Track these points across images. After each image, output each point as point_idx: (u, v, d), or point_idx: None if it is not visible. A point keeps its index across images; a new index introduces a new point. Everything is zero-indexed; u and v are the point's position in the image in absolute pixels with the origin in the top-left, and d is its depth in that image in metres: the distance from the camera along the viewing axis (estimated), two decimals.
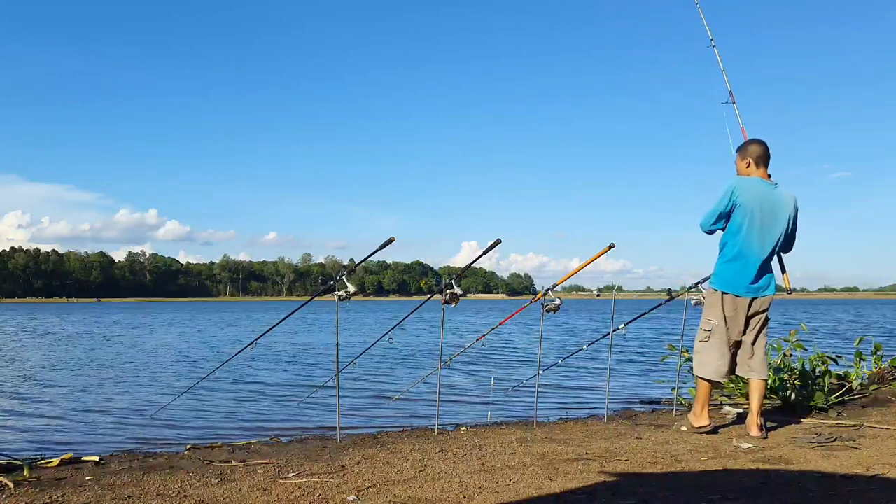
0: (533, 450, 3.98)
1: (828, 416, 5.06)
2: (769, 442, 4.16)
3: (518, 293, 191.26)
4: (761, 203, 4.22)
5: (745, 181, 4.28)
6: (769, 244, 4.25)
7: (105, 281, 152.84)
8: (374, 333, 19.46)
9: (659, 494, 2.99)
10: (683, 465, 3.58)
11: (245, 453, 4.05)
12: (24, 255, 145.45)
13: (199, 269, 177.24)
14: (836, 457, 3.71)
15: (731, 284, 4.30)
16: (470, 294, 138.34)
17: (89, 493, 3.06)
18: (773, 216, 4.23)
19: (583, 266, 5.45)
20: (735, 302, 4.31)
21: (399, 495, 3.02)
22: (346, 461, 3.71)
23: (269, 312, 46.88)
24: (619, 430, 4.68)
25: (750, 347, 4.36)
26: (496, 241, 4.88)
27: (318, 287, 4.55)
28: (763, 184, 4.27)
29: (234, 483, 3.24)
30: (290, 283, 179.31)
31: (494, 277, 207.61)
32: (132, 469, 3.58)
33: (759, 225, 4.22)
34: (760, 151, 4.32)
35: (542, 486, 3.14)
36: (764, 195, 4.23)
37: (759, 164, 4.31)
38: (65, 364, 11.75)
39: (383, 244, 4.70)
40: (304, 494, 3.03)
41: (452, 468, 3.53)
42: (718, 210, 4.30)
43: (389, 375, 9.67)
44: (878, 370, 6.52)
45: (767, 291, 4.31)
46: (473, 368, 10.43)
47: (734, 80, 5.07)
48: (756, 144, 4.35)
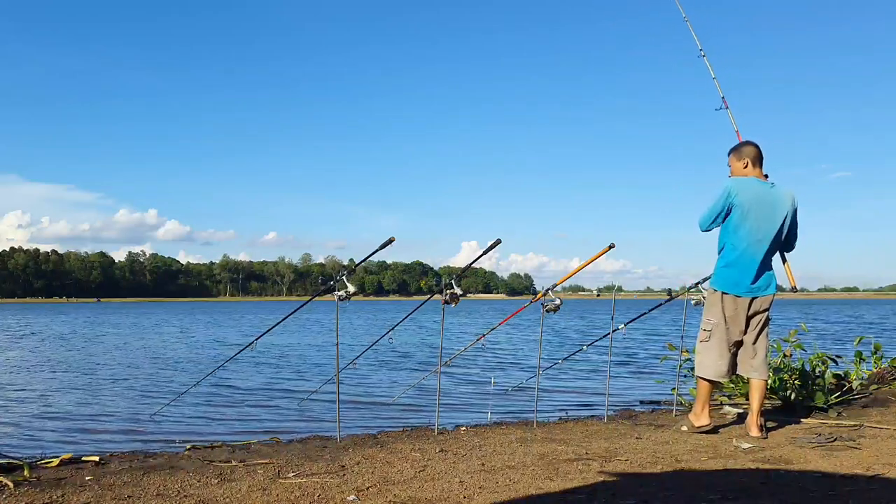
0: (533, 450, 3.98)
1: (828, 416, 5.06)
2: (769, 442, 4.16)
3: (518, 293, 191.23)
4: (759, 202, 4.23)
5: (741, 181, 4.30)
6: (768, 243, 4.26)
7: (105, 281, 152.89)
8: (372, 335, 19.45)
9: (659, 494, 2.99)
10: (683, 465, 3.58)
11: (245, 453, 4.05)
12: (24, 255, 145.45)
13: (200, 269, 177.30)
14: (836, 457, 3.71)
15: (732, 285, 4.31)
16: (470, 294, 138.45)
17: (89, 493, 3.06)
18: (772, 215, 4.24)
19: (583, 266, 5.46)
20: (735, 302, 4.31)
21: (399, 495, 3.02)
22: (346, 461, 3.71)
23: (267, 312, 46.86)
24: (619, 430, 4.69)
25: (751, 347, 4.36)
26: (496, 241, 4.88)
27: (318, 287, 4.56)
28: (760, 183, 4.30)
29: (234, 483, 3.24)
30: (290, 284, 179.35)
31: (494, 277, 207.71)
32: (132, 469, 3.58)
33: (757, 224, 4.23)
34: (756, 152, 4.36)
35: (542, 486, 3.14)
36: (761, 194, 4.25)
37: (756, 165, 4.35)
38: (64, 364, 11.75)
39: (383, 244, 4.70)
40: (304, 494, 3.03)
41: (452, 468, 3.53)
42: (716, 210, 4.32)
43: (389, 375, 9.68)
44: (878, 370, 6.52)
45: (768, 291, 4.31)
46: (473, 369, 10.43)
47: (734, 81, 5.10)
48: (751, 146, 4.40)
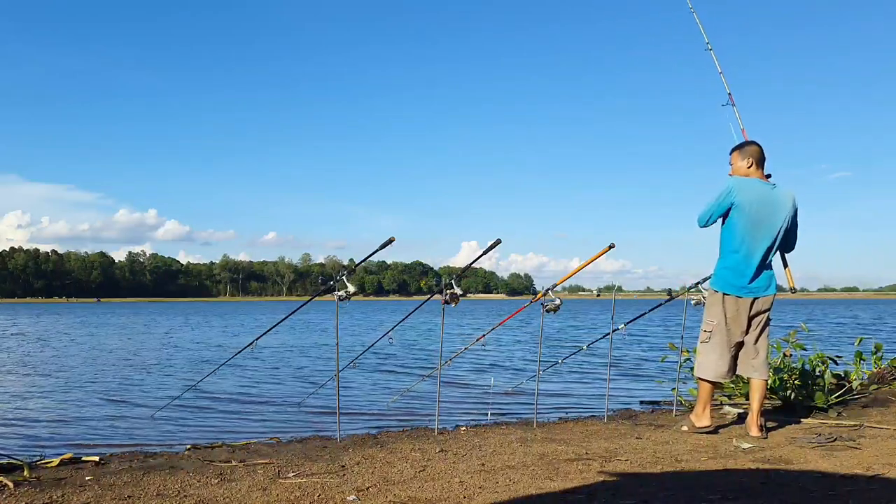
0: (533, 450, 3.98)
1: (828, 416, 5.06)
2: (769, 442, 4.16)
3: (518, 293, 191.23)
4: (760, 203, 4.23)
5: (743, 181, 4.30)
6: (769, 244, 4.26)
7: (105, 281, 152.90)
8: (372, 335, 19.45)
9: (659, 494, 2.99)
10: (683, 465, 3.58)
11: (245, 453, 4.05)
12: (24, 255, 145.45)
13: (200, 269, 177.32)
14: (836, 457, 3.70)
15: (732, 285, 4.31)
16: (470, 294, 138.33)
17: (89, 493, 3.06)
18: (772, 215, 4.24)
19: (583, 266, 5.46)
20: (737, 303, 4.31)
21: (399, 495, 3.02)
22: (346, 461, 3.71)
23: (267, 312, 46.85)
24: (619, 430, 4.68)
25: (753, 347, 4.36)
26: (496, 241, 4.88)
27: (318, 287, 4.55)
28: (762, 184, 4.30)
29: (234, 483, 3.24)
30: (290, 283, 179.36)
31: (494, 277, 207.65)
32: (132, 469, 3.58)
33: (758, 225, 4.23)
34: (760, 153, 4.35)
35: (542, 486, 3.14)
36: (762, 195, 4.25)
37: (759, 166, 4.34)
38: (64, 364, 11.75)
39: (383, 244, 4.70)
40: (304, 494, 3.03)
41: (452, 468, 3.53)
42: (716, 207, 4.31)
43: (389, 376, 9.68)
44: (878, 370, 6.52)
45: (768, 291, 4.31)
46: (473, 369, 10.43)
47: (734, 81, 5.08)
48: (755, 146, 4.39)
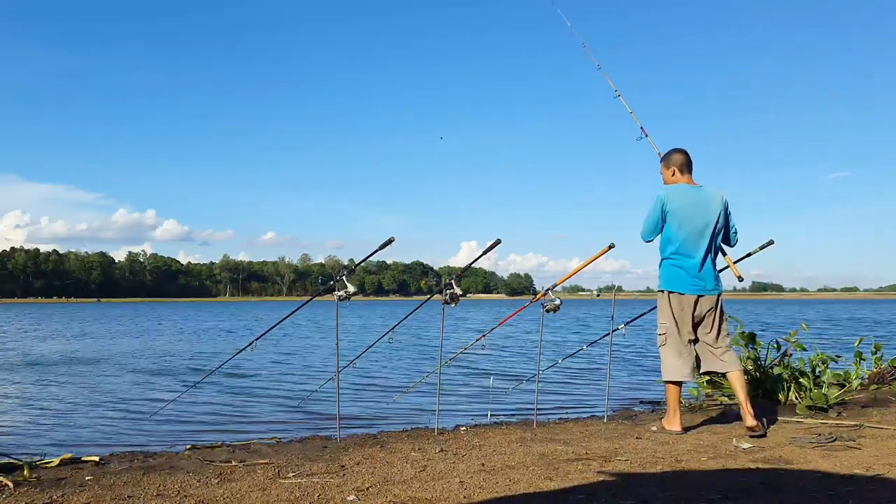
0: (533, 450, 3.98)
1: (828, 416, 5.06)
2: (769, 442, 4.16)
3: (518, 293, 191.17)
4: (690, 206, 4.42)
5: (672, 189, 4.50)
6: (706, 242, 4.43)
7: (105, 281, 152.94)
8: (372, 334, 19.44)
9: (659, 494, 2.99)
10: (683, 465, 3.58)
11: (245, 453, 4.05)
12: (24, 255, 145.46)
13: (200, 269, 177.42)
14: (836, 457, 3.71)
15: (676, 283, 4.46)
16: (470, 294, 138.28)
17: (89, 493, 3.07)
18: (704, 215, 4.42)
19: (583, 266, 5.46)
20: (681, 300, 4.45)
21: (399, 495, 3.02)
22: (346, 461, 3.71)
23: (267, 312, 46.85)
24: (619, 430, 4.69)
25: (715, 345, 4.49)
26: (496, 241, 4.89)
27: (318, 287, 4.56)
28: (689, 188, 4.49)
29: (234, 483, 3.24)
30: (290, 283, 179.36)
31: (494, 277, 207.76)
32: (132, 469, 3.58)
33: (692, 226, 4.41)
34: (684, 159, 4.56)
35: (541, 486, 3.14)
36: (691, 198, 4.44)
37: (684, 171, 4.55)
38: (64, 364, 11.75)
39: (383, 244, 4.71)
40: (304, 494, 3.03)
41: (452, 468, 3.54)
42: (652, 220, 4.51)
43: (389, 376, 9.68)
44: (878, 370, 6.52)
45: (714, 291, 4.47)
46: (473, 369, 10.43)
47: (734, 80, 5.12)
48: (678, 153, 4.59)
